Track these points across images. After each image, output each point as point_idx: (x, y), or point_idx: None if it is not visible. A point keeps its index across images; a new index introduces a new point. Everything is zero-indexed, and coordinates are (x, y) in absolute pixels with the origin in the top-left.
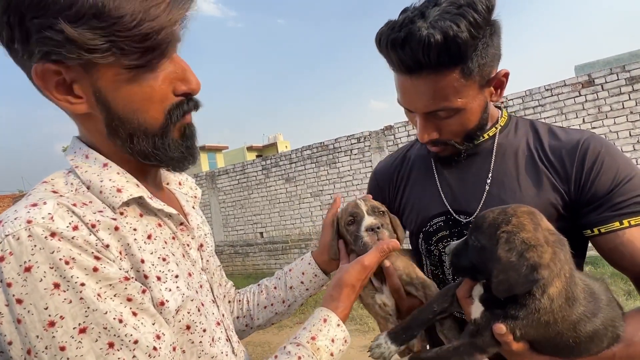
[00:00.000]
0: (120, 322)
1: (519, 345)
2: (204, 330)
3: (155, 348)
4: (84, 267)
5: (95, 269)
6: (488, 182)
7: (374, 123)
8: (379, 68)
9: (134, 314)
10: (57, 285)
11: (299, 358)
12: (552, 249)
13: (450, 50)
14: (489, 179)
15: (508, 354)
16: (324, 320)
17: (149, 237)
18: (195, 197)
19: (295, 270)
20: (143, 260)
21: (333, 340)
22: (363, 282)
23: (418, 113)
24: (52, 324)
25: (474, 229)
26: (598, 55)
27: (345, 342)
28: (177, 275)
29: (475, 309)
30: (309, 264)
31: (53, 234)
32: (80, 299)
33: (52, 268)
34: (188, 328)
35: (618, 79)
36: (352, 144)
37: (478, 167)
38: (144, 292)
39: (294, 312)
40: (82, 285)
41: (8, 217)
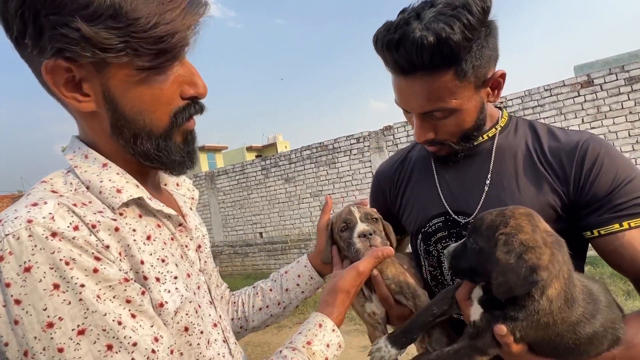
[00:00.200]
0: (120, 324)
1: (518, 347)
2: (201, 332)
3: (154, 351)
4: (84, 268)
5: (96, 270)
6: (487, 182)
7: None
8: (379, 68)
9: (133, 316)
10: (56, 286)
11: None
12: (550, 251)
13: (443, 52)
14: (488, 180)
15: (507, 356)
16: (319, 326)
17: (149, 238)
18: (193, 198)
19: (291, 273)
20: (143, 262)
21: (328, 345)
22: (357, 288)
23: (414, 113)
24: (50, 325)
25: (473, 231)
26: (597, 56)
27: (340, 347)
28: (176, 277)
29: (475, 311)
30: (305, 267)
31: (54, 234)
32: (80, 300)
33: (52, 268)
34: (186, 330)
35: (617, 79)
36: (351, 144)
37: (477, 167)
38: (143, 293)
39: (290, 313)
40: (81, 287)
41: (8, 216)
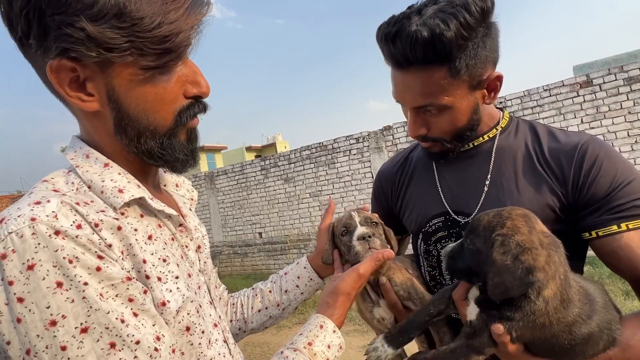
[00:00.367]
0: (122, 322)
1: (514, 347)
2: (203, 332)
3: (157, 349)
4: (87, 266)
5: (99, 269)
6: (487, 183)
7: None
8: (378, 68)
9: (135, 315)
10: (59, 284)
11: None
12: (546, 252)
13: (436, 48)
14: (488, 180)
15: (503, 356)
16: (321, 327)
17: (150, 237)
18: (192, 199)
19: (291, 274)
20: (144, 261)
21: (329, 346)
22: (358, 290)
23: (408, 107)
24: (53, 324)
25: (470, 232)
26: (596, 56)
27: (341, 348)
28: (177, 277)
29: (471, 311)
30: (305, 268)
31: (57, 232)
32: (83, 299)
33: (55, 267)
34: (188, 329)
35: (616, 80)
36: (350, 144)
37: (477, 168)
38: (145, 292)
39: (289, 315)
40: (85, 285)
41: (11, 214)
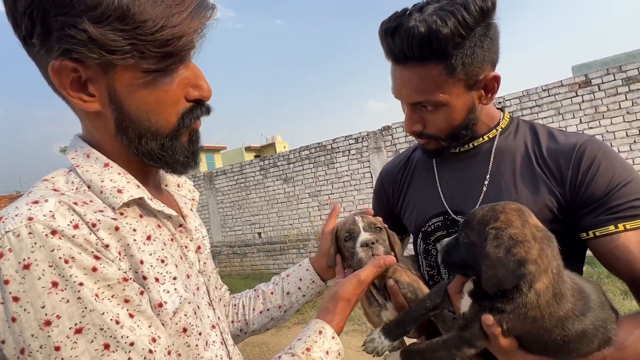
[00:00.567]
0: (117, 323)
1: (507, 342)
2: (200, 334)
3: (151, 351)
4: (83, 266)
5: (95, 269)
6: (485, 183)
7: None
8: (377, 68)
9: (131, 316)
10: (55, 284)
11: None
12: (539, 245)
13: (432, 44)
14: (487, 181)
15: (497, 351)
16: (320, 332)
17: (149, 238)
18: (194, 199)
19: (293, 276)
20: (142, 261)
21: (327, 352)
22: (359, 296)
23: (405, 103)
24: (48, 323)
25: (464, 226)
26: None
27: (339, 354)
28: (175, 277)
29: (464, 303)
30: (307, 270)
31: (54, 232)
32: (78, 299)
33: (51, 266)
34: (185, 331)
35: (615, 80)
36: (350, 145)
37: (477, 168)
38: (142, 293)
39: (289, 318)
40: (80, 285)
41: (9, 213)
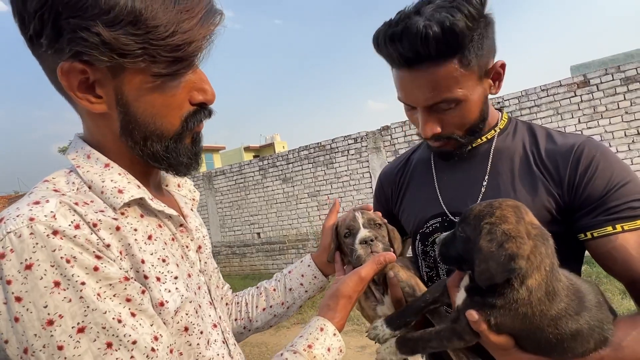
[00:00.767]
0: (119, 322)
1: (501, 339)
2: (201, 333)
3: (154, 349)
4: (85, 266)
5: (96, 268)
6: (484, 184)
7: (371, 123)
8: (377, 69)
9: (133, 315)
10: (57, 284)
11: None
12: (532, 242)
13: (448, 40)
14: (485, 182)
15: (491, 348)
16: (321, 329)
17: (150, 237)
18: (194, 199)
19: (295, 272)
20: (143, 261)
21: (329, 349)
22: (359, 293)
23: (420, 107)
24: (50, 323)
25: (461, 221)
26: (593, 56)
27: (341, 351)
28: (176, 277)
29: (460, 297)
30: (309, 266)
31: (55, 232)
32: (80, 298)
33: (53, 266)
34: (186, 330)
35: (613, 80)
36: (349, 144)
37: (475, 169)
38: (143, 292)
39: (293, 313)
40: (82, 284)
41: (10, 214)
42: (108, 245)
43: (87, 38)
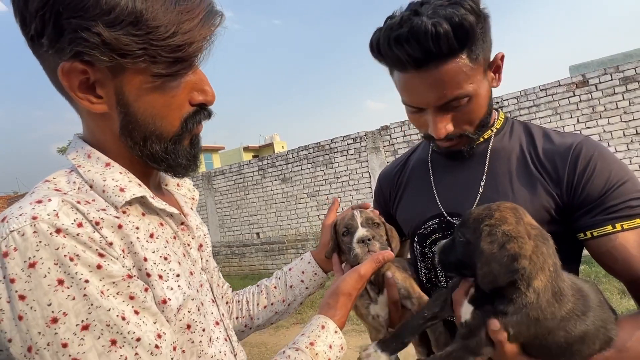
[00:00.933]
0: (123, 319)
1: (512, 348)
2: (203, 330)
3: (157, 346)
4: (88, 264)
5: (99, 266)
6: (482, 185)
7: (370, 123)
8: (376, 69)
9: (136, 312)
10: (61, 282)
11: None
12: (533, 242)
13: (458, 36)
14: (483, 182)
15: (500, 358)
16: (322, 327)
17: (151, 236)
18: (193, 198)
19: (295, 270)
20: (145, 259)
21: (331, 347)
22: (359, 291)
23: (430, 108)
24: (54, 321)
25: (460, 225)
26: (592, 56)
27: (342, 349)
28: (178, 275)
29: (465, 311)
30: (309, 263)
31: (58, 231)
32: (84, 296)
33: (56, 264)
34: (189, 327)
35: (612, 79)
36: (348, 144)
37: (472, 170)
38: (146, 290)
39: (294, 310)
40: (86, 282)
41: (13, 213)
42: (110, 244)
43: (87, 38)
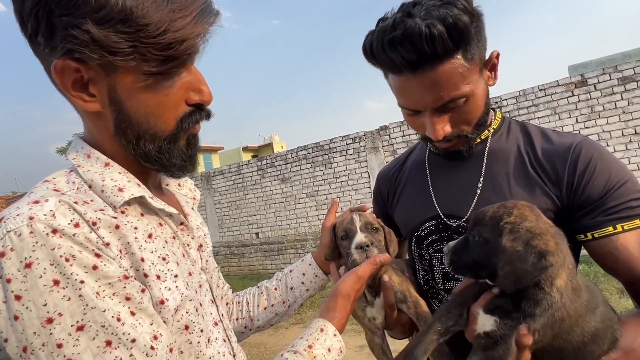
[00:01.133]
0: (119, 320)
1: (527, 355)
2: (202, 331)
3: (153, 347)
4: (84, 264)
5: (95, 267)
6: (479, 186)
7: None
8: (375, 69)
9: (132, 314)
10: (56, 282)
11: None
12: (554, 239)
13: (453, 36)
14: (480, 183)
15: None
16: (321, 330)
17: (150, 236)
18: (194, 198)
19: (296, 271)
20: (143, 259)
21: (329, 350)
22: (358, 292)
23: (427, 110)
24: (50, 321)
25: (475, 224)
26: (591, 56)
27: (341, 352)
28: (176, 275)
29: (484, 322)
30: (310, 265)
31: (54, 231)
32: (79, 297)
33: (52, 265)
34: (187, 328)
35: (610, 79)
36: (347, 144)
37: (470, 171)
38: (143, 291)
39: (294, 312)
40: (81, 283)
41: (10, 213)
42: (107, 244)
43: (77, 35)
